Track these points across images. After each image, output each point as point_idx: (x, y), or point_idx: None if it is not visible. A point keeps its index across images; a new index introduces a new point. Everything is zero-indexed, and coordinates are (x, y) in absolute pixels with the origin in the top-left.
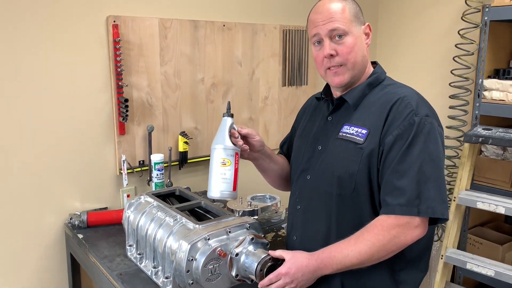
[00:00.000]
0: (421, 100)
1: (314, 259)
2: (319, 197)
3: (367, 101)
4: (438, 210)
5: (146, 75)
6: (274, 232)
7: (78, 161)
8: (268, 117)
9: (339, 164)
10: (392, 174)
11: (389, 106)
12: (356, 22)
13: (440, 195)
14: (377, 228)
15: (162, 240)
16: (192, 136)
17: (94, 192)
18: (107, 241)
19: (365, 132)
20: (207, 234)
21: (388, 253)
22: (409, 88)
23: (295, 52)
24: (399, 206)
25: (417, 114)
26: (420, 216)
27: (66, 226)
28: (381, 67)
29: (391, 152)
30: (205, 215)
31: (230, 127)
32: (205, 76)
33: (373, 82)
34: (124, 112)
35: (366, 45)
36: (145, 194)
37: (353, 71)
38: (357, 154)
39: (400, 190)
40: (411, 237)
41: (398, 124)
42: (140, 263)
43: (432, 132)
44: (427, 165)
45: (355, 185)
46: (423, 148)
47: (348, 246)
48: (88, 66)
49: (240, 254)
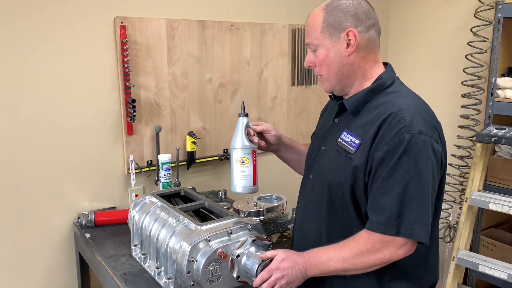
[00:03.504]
0: (418, 115)
1: (302, 257)
2: (315, 198)
3: (367, 108)
4: (416, 233)
5: (153, 76)
6: (280, 233)
7: (86, 161)
8: (277, 117)
9: (330, 170)
10: (377, 190)
11: (382, 119)
12: (330, 33)
13: (421, 217)
14: (363, 239)
15: (164, 241)
16: (200, 136)
17: (102, 192)
18: (113, 241)
19: (358, 142)
20: (208, 235)
21: (371, 265)
22: (410, 99)
23: (304, 51)
24: (378, 224)
25: (408, 131)
26: (399, 236)
27: (75, 225)
28: (390, 71)
29: (379, 168)
30: (209, 216)
31: (246, 126)
32: (213, 76)
33: (376, 88)
34: (132, 113)
35: (346, 55)
36: (150, 195)
37: (332, 82)
38: (346, 163)
39: (382, 208)
40: (397, 255)
41: (388, 140)
42: (144, 263)
43: (424, 150)
44: (413, 185)
45: (343, 194)
46: (410, 167)
47: (334, 251)
48: (96, 67)
49: (241, 256)
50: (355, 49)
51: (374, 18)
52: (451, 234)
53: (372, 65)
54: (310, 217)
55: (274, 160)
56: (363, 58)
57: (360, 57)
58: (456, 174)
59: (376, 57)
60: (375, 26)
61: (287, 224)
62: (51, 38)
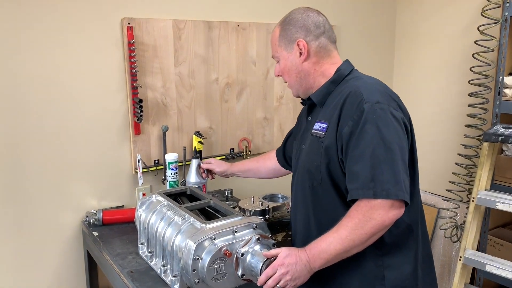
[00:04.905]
0: (374, 89)
1: (304, 251)
2: (300, 191)
3: (331, 97)
4: (392, 192)
5: (160, 76)
6: (285, 232)
7: (95, 160)
8: (283, 116)
9: (307, 158)
10: (349, 161)
11: (343, 99)
12: (286, 45)
13: (394, 177)
14: (353, 212)
15: (170, 239)
16: (207, 135)
17: (110, 191)
18: (121, 239)
19: (325, 126)
20: (213, 234)
21: (369, 236)
22: (366, 79)
23: None
24: (356, 190)
25: (367, 102)
26: (376, 198)
27: (83, 224)
28: (346, 63)
29: (349, 142)
30: (215, 215)
31: (197, 165)
32: (219, 76)
33: (336, 79)
34: (139, 113)
35: (300, 62)
36: (156, 193)
37: (295, 87)
38: (318, 147)
39: (356, 174)
40: (388, 217)
41: (351, 114)
42: (150, 261)
43: (383, 116)
44: (380, 148)
45: (321, 176)
46: (374, 133)
47: (331, 233)
48: (104, 67)
49: (246, 254)
50: (307, 56)
51: (323, 26)
52: (458, 233)
53: (329, 66)
54: (299, 211)
55: None
56: (317, 62)
57: (314, 62)
58: (463, 174)
59: (332, 59)
60: (325, 34)
61: None
62: (59, 39)
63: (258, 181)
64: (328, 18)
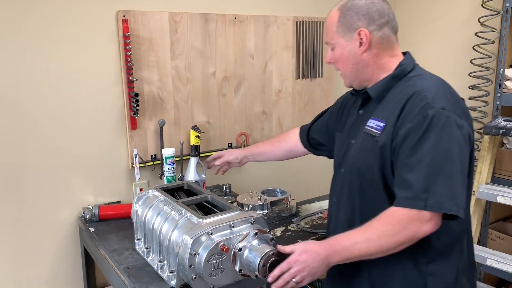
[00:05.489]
0: (440, 92)
1: (323, 245)
2: (347, 188)
3: (391, 94)
4: (446, 206)
5: (156, 70)
6: (284, 227)
7: (91, 155)
8: (282, 111)
9: (359, 156)
10: (402, 167)
11: (405, 99)
12: (345, 32)
13: (451, 190)
14: (387, 217)
15: (167, 234)
16: (204, 130)
17: (107, 186)
18: (117, 235)
19: (382, 125)
20: (210, 229)
21: (397, 245)
22: (431, 80)
23: (309, 43)
24: (405, 199)
25: (431, 107)
26: (427, 210)
27: (79, 219)
28: (409, 58)
29: (403, 145)
30: (212, 209)
31: (196, 162)
32: (216, 69)
33: (398, 74)
34: (135, 107)
35: (360, 53)
36: (153, 188)
37: (350, 77)
38: (373, 147)
39: (408, 183)
40: (422, 230)
41: (412, 117)
42: (147, 257)
43: (448, 125)
44: (439, 159)
45: (373, 177)
46: (436, 142)
47: (357, 234)
48: (99, 61)
49: (243, 249)
50: (368, 47)
51: (388, 15)
52: None
53: (389, 59)
54: (343, 209)
55: None
56: (377, 54)
57: (374, 54)
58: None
59: (393, 52)
60: (389, 24)
61: (291, 218)
62: (53, 33)
63: (257, 176)
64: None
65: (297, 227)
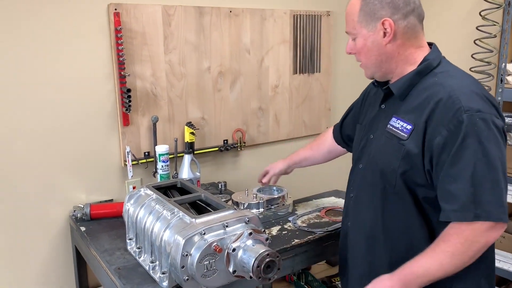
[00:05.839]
0: (472, 93)
1: (396, 278)
2: (367, 187)
3: (416, 91)
4: (494, 214)
5: (149, 64)
6: (280, 226)
7: (82, 152)
8: (279, 107)
9: (382, 157)
10: (445, 178)
11: (434, 102)
12: (367, 22)
13: (496, 198)
14: (453, 237)
15: (159, 234)
16: (199, 126)
17: (99, 184)
18: (109, 234)
19: (410, 128)
20: (203, 229)
21: (471, 258)
22: (460, 79)
23: (307, 38)
24: (454, 212)
25: (466, 111)
26: (477, 221)
27: (71, 218)
28: (436, 51)
29: (442, 154)
30: (206, 208)
31: (190, 160)
32: (211, 64)
33: (423, 70)
34: (127, 103)
35: (384, 44)
36: (145, 187)
37: (372, 69)
38: (398, 150)
39: (453, 195)
40: (493, 237)
41: (446, 123)
42: (139, 257)
43: (486, 129)
44: (482, 166)
45: (396, 181)
46: (476, 148)
47: (428, 259)
48: (90, 55)
49: (237, 249)
50: (392, 37)
51: (414, 2)
52: None
53: (414, 50)
54: (363, 208)
55: (273, 152)
56: (402, 45)
57: (398, 45)
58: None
59: (418, 42)
60: (414, 12)
61: (287, 217)
62: (42, 26)
63: (253, 173)
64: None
65: (293, 226)
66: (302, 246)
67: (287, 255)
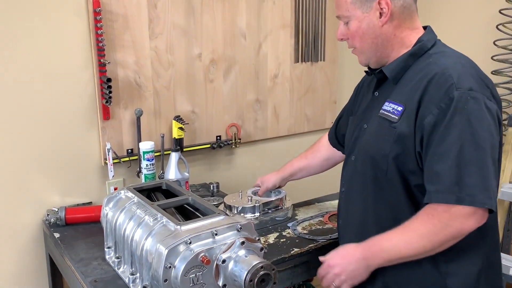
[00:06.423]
0: (466, 72)
1: (360, 248)
2: (358, 179)
3: (409, 74)
4: (478, 199)
5: (133, 51)
6: (278, 233)
7: (57, 150)
8: (278, 99)
9: (373, 143)
10: (431, 158)
11: (426, 80)
12: (362, 2)
13: (482, 181)
14: (427, 216)
15: (140, 242)
16: (189, 121)
17: (76, 185)
18: (86, 242)
19: (401, 109)
20: (189, 237)
21: (442, 243)
22: (455, 58)
23: (310, 22)
24: (436, 193)
25: (458, 88)
26: (459, 205)
27: (44, 223)
28: (430, 33)
29: (432, 133)
30: (194, 213)
31: (178, 158)
32: (202, 51)
33: (417, 51)
34: (107, 94)
35: (380, 25)
36: (125, 189)
37: (367, 54)
38: (390, 133)
39: (438, 175)
40: (468, 225)
41: (437, 101)
42: (118, 268)
43: (477, 108)
44: (469, 147)
45: (388, 167)
46: (464, 128)
47: (397, 235)
48: (65, 41)
49: (228, 261)
50: (389, 18)
51: None
52: None
53: (409, 32)
54: (354, 200)
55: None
56: (398, 26)
57: (395, 26)
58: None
59: (413, 24)
60: None
61: (286, 222)
62: (11, 8)
63: (248, 173)
64: None
65: (293, 233)
66: (302, 255)
67: (286, 266)
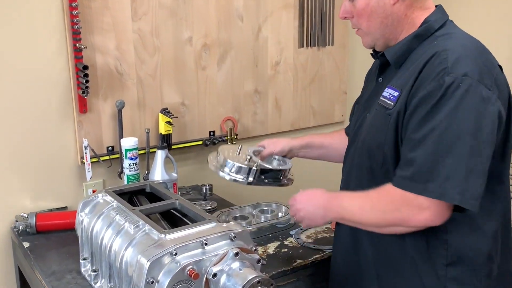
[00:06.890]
0: (466, 55)
1: (326, 196)
2: (355, 170)
3: (412, 57)
4: (449, 193)
5: (113, 34)
6: (279, 241)
7: (27, 147)
8: (280, 89)
9: (370, 133)
10: (407, 142)
11: (423, 62)
12: None
13: (457, 175)
14: (384, 192)
15: (119, 253)
16: (178, 114)
17: (49, 187)
18: (59, 252)
19: (397, 94)
20: (175, 247)
21: (386, 224)
22: (460, 40)
23: (317, 1)
24: (403, 179)
25: (450, 73)
26: (424, 196)
27: (12, 231)
28: (439, 13)
29: (412, 117)
30: (182, 220)
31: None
32: (193, 35)
33: (423, 33)
34: (84, 83)
35: (391, 3)
36: (104, 192)
37: (374, 35)
38: (385, 121)
39: (410, 161)
40: (417, 218)
41: (426, 84)
42: (95, 283)
43: (468, 96)
44: (451, 136)
45: (384, 157)
46: (448, 115)
47: (357, 199)
48: (35, 23)
49: (219, 275)
50: None
51: None
52: None
53: (420, 13)
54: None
55: None
56: (410, 6)
57: (407, 5)
58: None
59: (425, 3)
60: None
61: (289, 230)
62: None
63: None
64: None
65: (296, 241)
66: (307, 268)
67: (287, 279)
